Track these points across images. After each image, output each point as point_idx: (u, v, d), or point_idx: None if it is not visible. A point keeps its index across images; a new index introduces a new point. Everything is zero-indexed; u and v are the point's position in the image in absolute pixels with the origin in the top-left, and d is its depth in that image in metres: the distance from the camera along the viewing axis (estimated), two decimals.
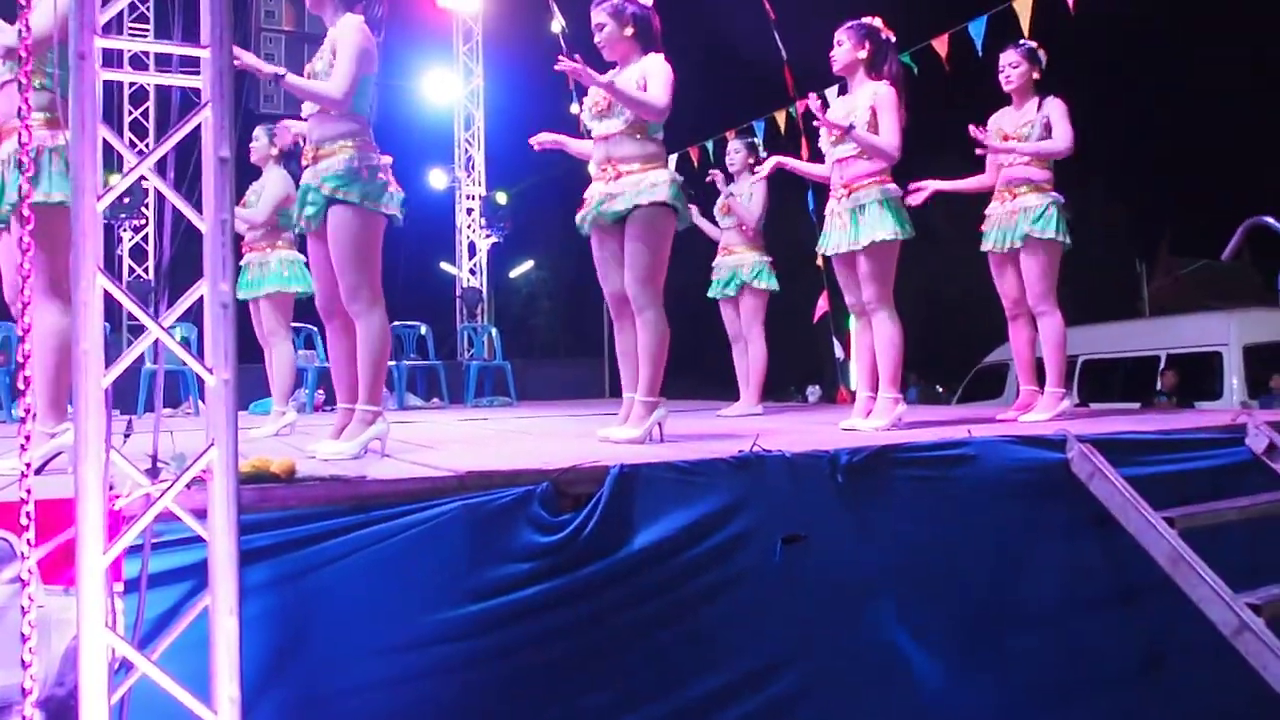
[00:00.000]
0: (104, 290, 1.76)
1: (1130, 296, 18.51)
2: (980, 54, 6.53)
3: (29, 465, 1.72)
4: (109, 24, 1.84)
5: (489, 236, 11.95)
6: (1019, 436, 3.24)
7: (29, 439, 1.72)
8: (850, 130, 4.01)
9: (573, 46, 5.20)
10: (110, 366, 1.76)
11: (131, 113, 10.60)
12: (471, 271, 12.04)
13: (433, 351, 9.35)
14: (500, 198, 11.92)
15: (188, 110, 1.92)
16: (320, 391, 8.06)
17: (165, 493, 1.80)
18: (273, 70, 3.28)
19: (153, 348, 1.91)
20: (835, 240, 4.19)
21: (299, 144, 4.00)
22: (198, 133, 1.90)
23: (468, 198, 12.04)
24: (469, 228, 12.04)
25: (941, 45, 7.11)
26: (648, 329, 3.60)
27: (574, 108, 3.79)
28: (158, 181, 1.90)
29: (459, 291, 12.00)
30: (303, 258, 5.10)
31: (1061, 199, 4.46)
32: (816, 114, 4.11)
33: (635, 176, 3.61)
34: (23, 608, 1.68)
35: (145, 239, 10.56)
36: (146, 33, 10.28)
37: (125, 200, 9.22)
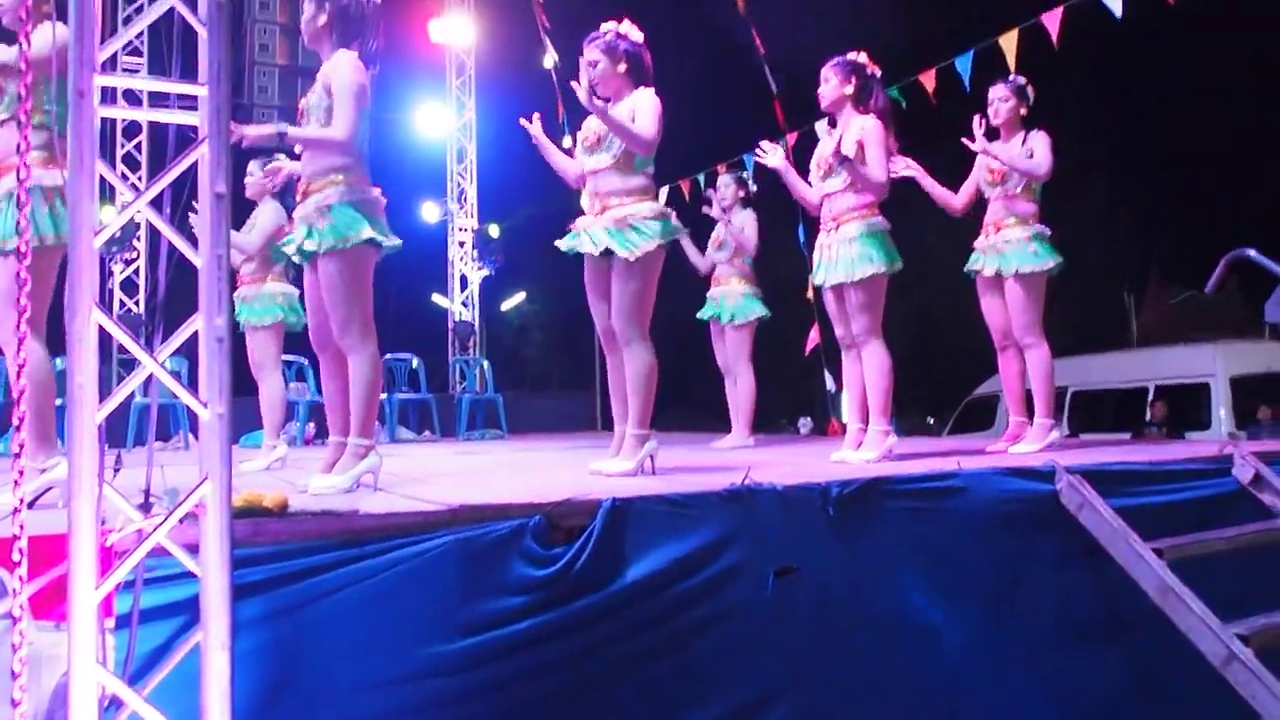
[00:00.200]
0: (97, 324, 1.77)
1: (1119, 328, 18.59)
2: (968, 88, 6.62)
3: (23, 500, 1.72)
4: (106, 60, 1.87)
5: (481, 269, 11.99)
6: (1008, 468, 3.26)
7: (23, 474, 1.73)
8: (847, 162, 4.05)
9: (565, 81, 5.26)
10: (104, 401, 1.76)
11: (124, 146, 10.64)
12: (464, 304, 12.06)
13: (424, 384, 9.34)
14: (493, 231, 11.98)
15: (182, 145, 1.94)
16: (311, 425, 8.04)
17: (158, 527, 1.80)
18: (273, 130, 3.32)
19: (145, 382, 1.92)
20: (824, 273, 4.23)
21: (293, 177, 4.03)
22: (192, 166, 1.92)
23: (460, 230, 12.09)
24: (461, 260, 12.07)
25: (929, 80, 7.19)
26: (634, 362, 3.61)
27: (566, 141, 3.83)
28: (154, 217, 1.92)
29: (451, 324, 12.01)
30: (295, 291, 5.13)
31: (1047, 231, 4.51)
32: (774, 166, 4.24)
33: (621, 211, 3.63)
34: (14, 644, 1.68)
35: (136, 272, 10.55)
36: (140, 66, 10.35)
37: (118, 234, 9.20)
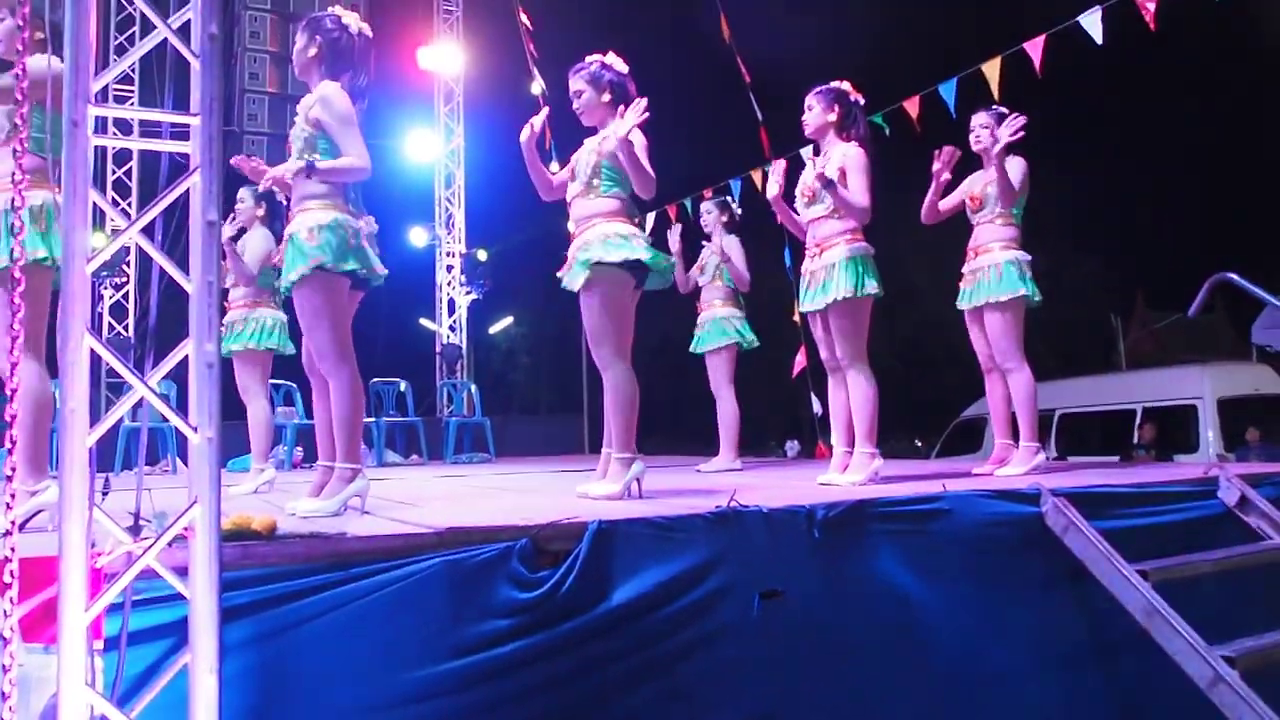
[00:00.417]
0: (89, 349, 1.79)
1: (1107, 350, 18.70)
2: (954, 115, 6.69)
3: (14, 523, 1.73)
4: (99, 90, 1.90)
5: (469, 293, 12.02)
6: (993, 490, 3.28)
7: (14, 497, 1.74)
8: (831, 185, 4.10)
9: (552, 108, 5.31)
10: (95, 425, 1.78)
11: (115, 172, 10.66)
12: (451, 328, 12.08)
13: (412, 408, 9.34)
14: (480, 255, 12.02)
15: (174, 173, 1.97)
16: (300, 449, 8.04)
17: (148, 550, 1.82)
18: (299, 166, 3.33)
19: (134, 406, 1.93)
20: (809, 298, 4.27)
21: (283, 204, 4.05)
22: (183, 193, 1.94)
23: (448, 255, 12.13)
24: (449, 285, 12.11)
25: (913, 106, 7.27)
26: (611, 387, 3.65)
27: (554, 166, 3.87)
28: (146, 244, 1.95)
29: (439, 348, 12.02)
30: (284, 316, 5.16)
31: (1027, 257, 4.55)
32: (776, 183, 4.27)
33: (590, 233, 3.65)
34: (3, 666, 1.69)
35: (126, 296, 10.55)
36: (131, 93, 10.41)
37: (108, 259, 9.23)
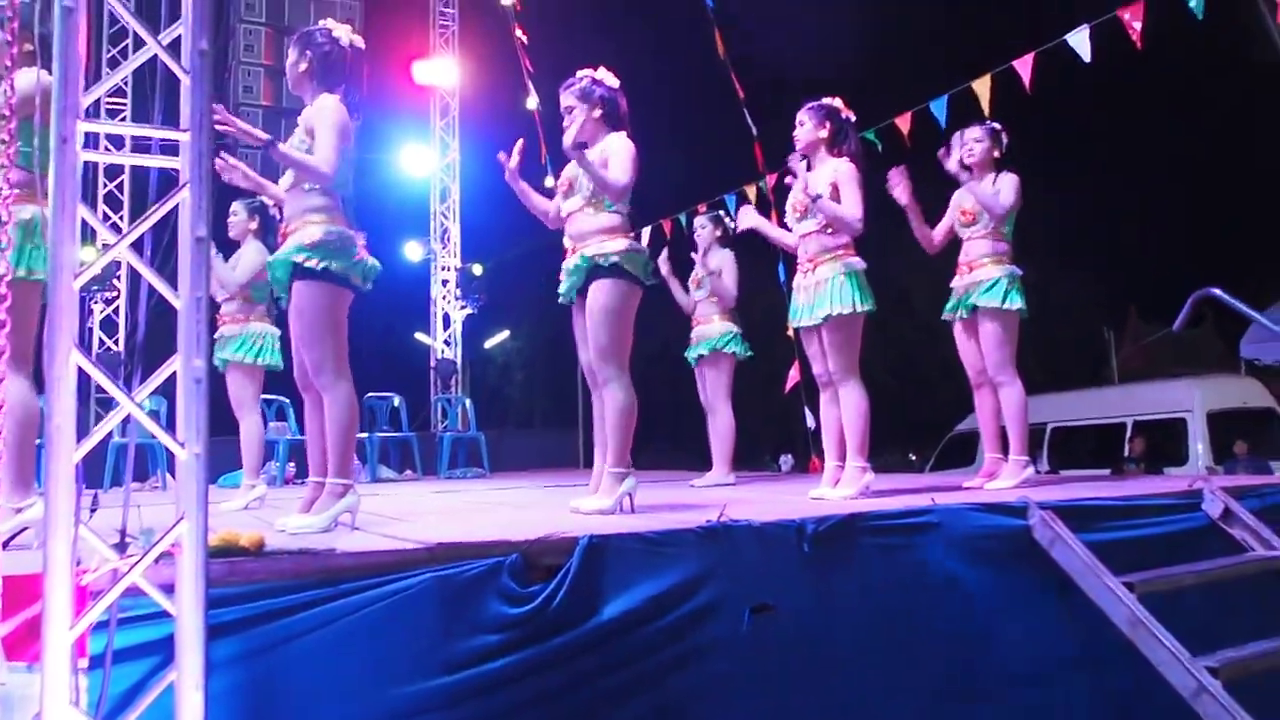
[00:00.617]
0: (76, 365, 1.79)
1: (1097, 365, 18.73)
2: (944, 131, 6.73)
3: None
4: (89, 104, 1.90)
5: (464, 308, 12.01)
6: (982, 504, 3.29)
7: None
8: (818, 200, 4.12)
9: (547, 123, 5.34)
10: (81, 441, 1.78)
11: (106, 185, 10.65)
12: (446, 343, 12.07)
13: (406, 423, 9.31)
14: (475, 269, 12.03)
15: (164, 187, 1.98)
16: (292, 465, 8.01)
17: (133, 567, 1.81)
18: (262, 137, 3.32)
19: (122, 421, 1.93)
20: (801, 313, 4.28)
21: (277, 218, 4.05)
22: (174, 208, 1.95)
23: (443, 269, 12.14)
24: (444, 299, 12.10)
25: (904, 123, 7.32)
26: (610, 401, 3.64)
27: (549, 180, 3.89)
28: (135, 260, 1.95)
29: (433, 363, 12.01)
30: (277, 331, 5.15)
31: (1018, 271, 4.56)
32: (795, 170, 4.24)
33: (590, 250, 3.68)
34: None
35: (116, 311, 10.52)
36: (123, 107, 10.41)
37: (98, 273, 9.21)
